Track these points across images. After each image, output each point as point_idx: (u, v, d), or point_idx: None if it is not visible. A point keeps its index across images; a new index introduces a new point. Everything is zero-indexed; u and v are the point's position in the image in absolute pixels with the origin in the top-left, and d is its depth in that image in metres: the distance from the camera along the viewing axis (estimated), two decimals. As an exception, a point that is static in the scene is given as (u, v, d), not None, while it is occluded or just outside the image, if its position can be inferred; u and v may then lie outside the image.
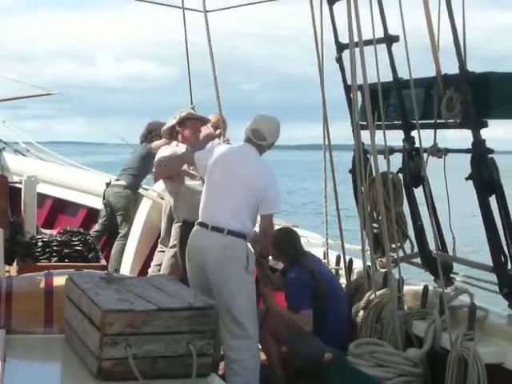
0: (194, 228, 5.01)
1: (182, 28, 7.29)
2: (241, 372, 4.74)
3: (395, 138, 5.17)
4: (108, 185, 8.05)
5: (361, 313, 4.95)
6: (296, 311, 5.07)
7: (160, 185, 7.36)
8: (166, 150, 6.10)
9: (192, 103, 7.50)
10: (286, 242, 5.27)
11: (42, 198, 8.75)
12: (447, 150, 4.85)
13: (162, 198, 7.45)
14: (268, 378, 5.07)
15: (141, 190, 8.22)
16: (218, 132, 6.57)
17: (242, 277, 4.79)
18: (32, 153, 11.02)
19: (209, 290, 4.73)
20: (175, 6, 7.11)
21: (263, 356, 5.10)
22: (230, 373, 4.78)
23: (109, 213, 8.04)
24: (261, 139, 4.99)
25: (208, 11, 6.20)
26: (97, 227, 8.19)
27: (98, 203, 8.48)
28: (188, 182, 5.90)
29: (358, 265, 5.48)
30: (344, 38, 5.17)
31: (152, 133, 7.75)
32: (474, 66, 4.45)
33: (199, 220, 4.98)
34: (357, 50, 4.66)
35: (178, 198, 5.99)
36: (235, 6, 7.25)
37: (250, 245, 4.90)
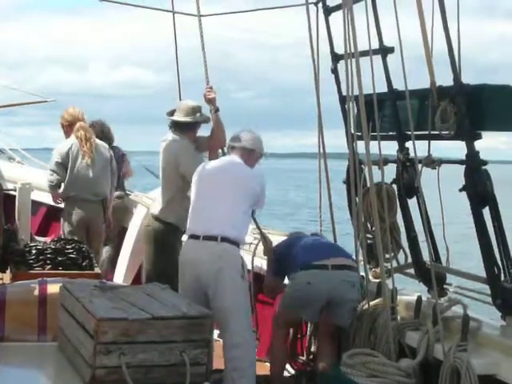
0: (185, 242, 4.97)
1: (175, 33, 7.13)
2: (239, 381, 4.71)
3: (389, 148, 5.20)
4: None
5: (354, 323, 4.96)
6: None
7: (157, 191, 7.33)
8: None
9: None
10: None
11: (36, 205, 8.72)
12: (441, 161, 4.87)
13: None
14: None
15: (134, 197, 8.23)
16: None
17: (239, 285, 4.77)
18: (22, 162, 11.00)
19: (204, 303, 4.59)
20: (165, 10, 6.92)
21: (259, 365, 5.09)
22: (228, 382, 4.73)
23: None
24: (235, 141, 5.17)
25: (202, 15, 6.07)
26: None
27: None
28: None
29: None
30: (339, 49, 5.19)
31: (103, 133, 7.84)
32: (465, 77, 4.48)
33: (189, 232, 4.92)
34: (352, 60, 4.68)
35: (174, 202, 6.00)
36: (232, 12, 7.15)
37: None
